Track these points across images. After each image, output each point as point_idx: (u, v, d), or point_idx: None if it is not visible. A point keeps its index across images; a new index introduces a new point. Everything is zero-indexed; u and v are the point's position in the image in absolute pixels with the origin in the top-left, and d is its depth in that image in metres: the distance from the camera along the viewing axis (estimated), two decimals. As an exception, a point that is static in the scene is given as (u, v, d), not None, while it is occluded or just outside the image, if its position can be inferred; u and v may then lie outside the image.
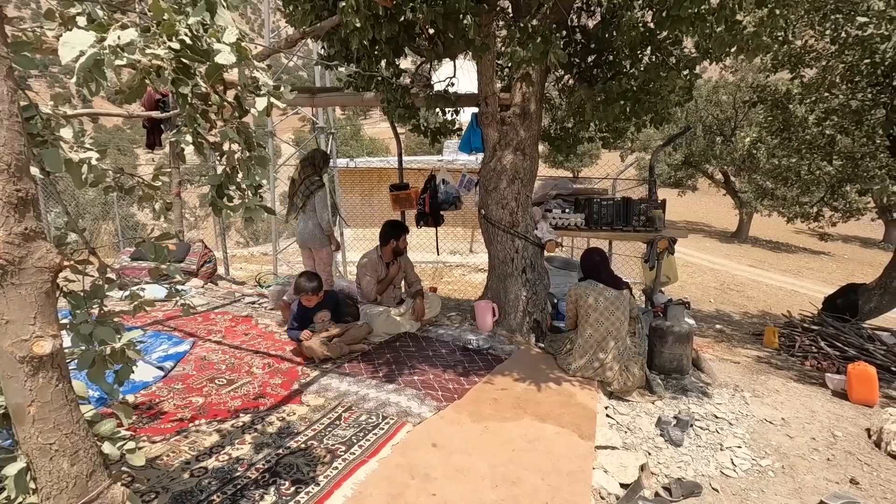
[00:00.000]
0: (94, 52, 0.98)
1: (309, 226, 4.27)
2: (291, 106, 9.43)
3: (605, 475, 2.25)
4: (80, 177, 1.19)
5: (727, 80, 18.99)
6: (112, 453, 1.19)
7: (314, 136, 9.58)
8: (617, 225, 4.18)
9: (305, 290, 3.42)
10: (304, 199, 4.23)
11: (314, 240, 4.27)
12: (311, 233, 4.26)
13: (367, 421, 2.57)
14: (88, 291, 1.41)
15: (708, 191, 25.07)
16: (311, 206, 4.23)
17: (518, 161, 3.89)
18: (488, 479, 2.16)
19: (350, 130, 27.37)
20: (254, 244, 17.74)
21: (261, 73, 1.31)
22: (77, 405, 1.08)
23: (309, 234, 4.27)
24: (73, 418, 1.07)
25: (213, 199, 1.39)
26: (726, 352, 5.10)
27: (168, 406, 2.74)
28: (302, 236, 4.33)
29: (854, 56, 4.58)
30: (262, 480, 2.07)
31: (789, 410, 3.35)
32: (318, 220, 4.23)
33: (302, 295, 3.45)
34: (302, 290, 3.43)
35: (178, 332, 3.92)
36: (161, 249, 1.35)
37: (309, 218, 4.26)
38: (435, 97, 3.95)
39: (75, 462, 1.07)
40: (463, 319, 4.42)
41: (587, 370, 3.20)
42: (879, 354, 4.80)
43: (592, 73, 3.98)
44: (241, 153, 1.37)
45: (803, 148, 6.41)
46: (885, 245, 21.51)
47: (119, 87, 1.10)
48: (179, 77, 1.15)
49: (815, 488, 2.39)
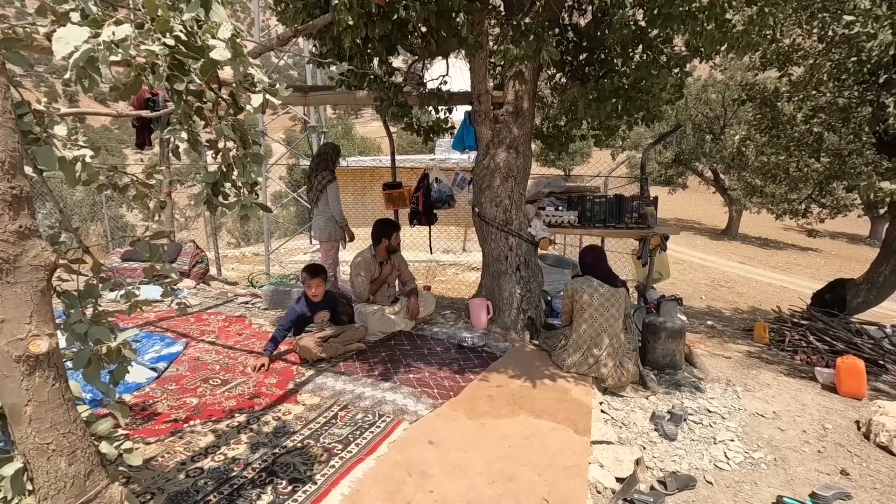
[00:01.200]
0: (88, 48, 0.97)
1: (319, 220, 4.44)
2: (283, 105, 9.37)
3: (600, 469, 2.27)
4: (74, 175, 1.18)
5: (716, 79, 19.17)
6: (109, 453, 1.18)
7: (306, 135, 9.53)
8: (610, 222, 4.21)
9: (316, 274, 3.48)
10: (318, 194, 4.36)
11: (319, 232, 4.45)
12: (318, 225, 4.44)
13: (364, 419, 2.57)
14: (83, 291, 1.40)
15: (698, 188, 25.30)
16: (324, 201, 4.37)
17: (511, 159, 3.90)
18: (485, 476, 2.17)
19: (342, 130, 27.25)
20: (245, 244, 17.62)
21: (256, 70, 1.30)
22: (74, 404, 1.07)
23: (316, 227, 4.46)
24: (70, 417, 1.06)
25: (209, 197, 1.39)
26: (718, 347, 5.15)
27: (162, 407, 2.72)
28: (314, 230, 4.51)
29: (841, 54, 4.64)
30: (258, 480, 2.07)
31: (780, 404, 3.40)
32: (332, 212, 4.36)
33: (309, 282, 3.47)
34: (312, 274, 3.49)
35: (171, 333, 3.89)
36: (157, 248, 1.34)
37: (321, 212, 4.42)
38: (428, 95, 3.95)
39: (73, 462, 1.06)
40: (457, 318, 4.43)
41: (582, 366, 3.22)
42: (867, 348, 4.87)
43: (584, 71, 4.01)
44: (237, 150, 1.37)
45: (791, 145, 6.49)
46: (871, 241, 21.86)
47: (114, 84, 1.10)
48: (174, 74, 1.14)
49: (807, 479, 2.43)
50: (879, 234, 21.75)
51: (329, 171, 4.43)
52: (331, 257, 4.64)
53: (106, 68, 0.97)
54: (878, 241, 21.36)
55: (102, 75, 0.97)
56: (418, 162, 10.59)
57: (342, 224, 4.42)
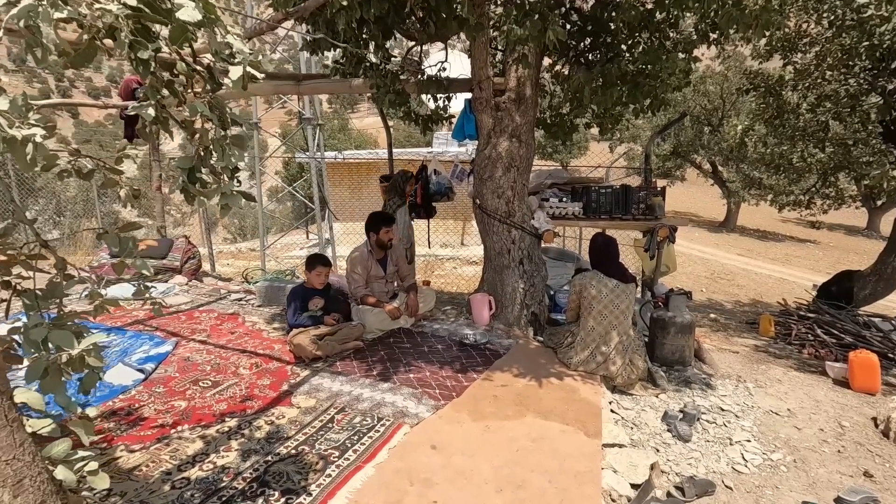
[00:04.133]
0: (29, 3, 0.81)
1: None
2: (277, 97, 9.17)
3: (614, 475, 2.13)
4: (25, 158, 1.02)
5: (714, 70, 18.99)
6: (67, 479, 1.03)
7: (301, 127, 9.35)
8: (616, 213, 4.07)
9: (327, 263, 3.62)
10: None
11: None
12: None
13: (362, 423, 2.43)
14: (45, 290, 1.24)
15: (696, 181, 25.18)
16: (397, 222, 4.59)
17: (514, 148, 3.75)
18: (492, 483, 2.04)
19: (338, 124, 26.97)
20: (241, 240, 17.43)
21: (235, 39, 1.14)
22: (20, 425, 0.92)
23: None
24: (15, 441, 0.90)
25: (184, 184, 1.23)
26: (724, 341, 5.03)
27: (148, 411, 2.57)
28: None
29: (852, 39, 4.49)
30: (249, 491, 1.92)
31: (794, 401, 3.28)
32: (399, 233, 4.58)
33: (320, 269, 3.54)
34: (324, 264, 3.59)
35: (160, 332, 3.74)
36: (126, 241, 1.18)
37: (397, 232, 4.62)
38: (426, 82, 3.78)
39: (19, 493, 0.90)
40: (458, 314, 4.29)
41: (590, 364, 3.08)
42: (876, 341, 4.77)
43: (588, 56, 3.84)
44: (215, 132, 1.21)
45: (797, 135, 6.35)
46: (868, 232, 21.82)
47: (63, 49, 0.93)
48: (138, 39, 0.98)
49: (830, 482, 2.31)
50: (877, 225, 21.71)
51: (399, 197, 4.73)
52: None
53: (49, 28, 0.81)
54: (875, 233, 21.34)
55: (45, 35, 0.81)
56: (415, 155, 10.43)
57: (405, 245, 4.59)
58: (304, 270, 3.72)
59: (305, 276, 3.66)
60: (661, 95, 3.72)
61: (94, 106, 2.87)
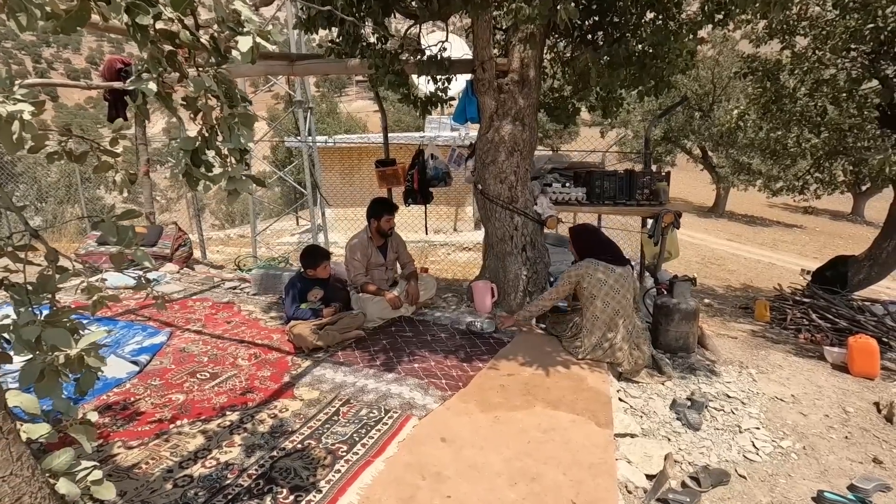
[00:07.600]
0: (12, -44, 0.71)
1: None
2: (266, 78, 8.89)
3: (629, 466, 2.10)
4: (11, 138, 0.91)
5: (706, 55, 18.88)
6: (70, 492, 0.95)
7: (291, 111, 9.11)
8: (620, 199, 4.00)
9: (327, 257, 3.55)
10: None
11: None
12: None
13: (369, 415, 2.36)
14: (36, 284, 1.14)
15: (685, 166, 25.24)
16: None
17: (517, 131, 3.64)
18: (505, 476, 1.99)
19: (326, 107, 26.46)
20: (230, 226, 17.13)
21: (243, 6, 1.03)
22: (16, 437, 0.83)
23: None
24: (13, 455, 0.81)
25: (188, 167, 1.12)
26: (721, 327, 5.05)
27: (145, 405, 2.48)
28: None
29: (856, 21, 4.43)
30: (255, 489, 1.85)
31: (796, 386, 3.28)
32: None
33: (323, 262, 3.48)
34: (325, 258, 3.51)
35: (154, 322, 3.62)
36: (124, 231, 1.08)
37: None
38: (427, 62, 3.64)
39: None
40: (459, 301, 4.22)
41: (596, 352, 3.04)
42: (871, 326, 4.81)
43: (593, 36, 3.74)
44: (222, 110, 1.10)
45: (793, 120, 6.31)
46: (853, 217, 22.12)
47: (54, 10, 0.82)
48: (136, 3, 0.87)
49: (841, 469, 2.31)
50: (861, 210, 22.02)
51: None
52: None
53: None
54: (859, 218, 21.64)
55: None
56: (408, 140, 10.24)
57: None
58: (299, 263, 3.63)
59: (302, 269, 3.55)
60: (666, 77, 3.63)
61: (77, 87, 2.69)
